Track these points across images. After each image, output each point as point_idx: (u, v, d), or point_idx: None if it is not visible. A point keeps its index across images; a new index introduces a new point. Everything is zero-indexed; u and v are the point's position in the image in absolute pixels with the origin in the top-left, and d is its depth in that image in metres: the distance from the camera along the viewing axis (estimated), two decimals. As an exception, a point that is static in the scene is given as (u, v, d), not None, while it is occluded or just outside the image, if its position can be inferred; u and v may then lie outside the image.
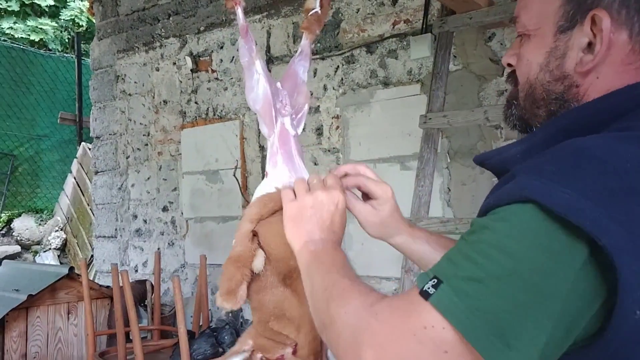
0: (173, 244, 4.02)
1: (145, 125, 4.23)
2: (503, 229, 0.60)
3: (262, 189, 0.99)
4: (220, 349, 2.51)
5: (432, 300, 0.59)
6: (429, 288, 0.60)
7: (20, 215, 7.15)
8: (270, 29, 3.49)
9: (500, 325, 0.56)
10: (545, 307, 0.56)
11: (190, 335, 2.68)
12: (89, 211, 6.08)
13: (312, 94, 3.20)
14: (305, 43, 1.08)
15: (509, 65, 0.84)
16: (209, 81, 3.81)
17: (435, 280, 0.60)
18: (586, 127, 0.67)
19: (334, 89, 3.17)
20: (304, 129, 1.05)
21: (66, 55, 8.21)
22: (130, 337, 2.65)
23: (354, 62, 3.09)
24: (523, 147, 0.72)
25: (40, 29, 9.20)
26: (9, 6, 8.92)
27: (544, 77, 0.76)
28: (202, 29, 3.84)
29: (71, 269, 3.28)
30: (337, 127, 3.15)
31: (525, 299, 0.56)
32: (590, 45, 0.71)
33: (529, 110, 0.80)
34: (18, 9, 9.06)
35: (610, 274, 0.55)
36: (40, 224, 7.06)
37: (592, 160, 0.60)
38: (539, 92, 0.77)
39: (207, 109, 3.82)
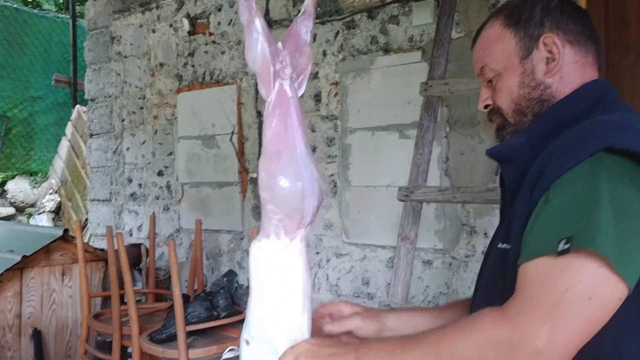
0: (168, 208, 4.01)
1: (141, 88, 4.18)
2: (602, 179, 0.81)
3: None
4: (215, 313, 2.52)
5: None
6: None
7: (14, 178, 7.12)
8: (269, -9, 3.41)
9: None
10: None
11: (185, 298, 2.69)
12: (84, 175, 6.06)
13: (311, 60, 3.15)
14: (309, 2, 1.05)
15: (486, 107, 1.08)
16: (206, 44, 3.75)
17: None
18: (570, 115, 0.96)
19: (333, 54, 3.12)
20: (302, 95, 1.02)
21: (60, 15, 8.06)
22: (125, 300, 2.66)
23: (354, 28, 3.04)
24: (524, 138, 0.99)
25: (34, -13, 9.01)
26: (1, -36, 8.71)
27: (524, 91, 1.02)
28: (199, -10, 3.76)
29: (66, 230, 3.27)
30: (336, 94, 3.11)
31: None
32: (547, 59, 1.01)
33: (518, 122, 1.03)
34: (11, -34, 8.85)
35: None
36: (34, 187, 7.04)
37: (631, 126, 0.90)
38: (524, 104, 1.02)
39: (204, 72, 3.77)
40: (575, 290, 0.75)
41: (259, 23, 0.94)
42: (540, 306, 0.77)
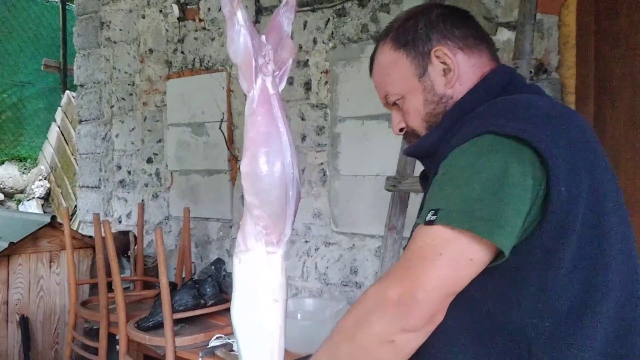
0: (157, 196, 3.99)
1: (130, 74, 4.14)
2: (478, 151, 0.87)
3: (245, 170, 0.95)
4: (202, 301, 2.52)
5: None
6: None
7: (3, 163, 7.06)
8: (260, -22, 3.37)
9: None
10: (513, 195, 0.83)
11: (173, 286, 2.69)
12: (73, 161, 6.02)
13: (300, 48, 3.13)
14: None
15: (401, 130, 1.11)
16: (196, 30, 3.71)
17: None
18: (479, 104, 0.97)
19: (323, 42, 3.10)
20: (292, 83, 1.01)
21: (50, -1, 7.95)
22: (113, 287, 2.65)
23: (345, 16, 3.02)
24: (437, 134, 1.02)
25: (23, -29, 8.86)
26: (-10, -54, 8.57)
27: (430, 108, 1.05)
28: (190, -25, 3.71)
29: (53, 217, 3.25)
30: (326, 82, 3.09)
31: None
32: (444, 70, 1.03)
33: None
34: (0, -51, 8.70)
35: (543, 167, 0.83)
36: (23, 173, 6.98)
37: (520, 103, 0.93)
38: (433, 120, 1.05)
39: (194, 59, 3.74)
40: (428, 247, 0.83)
41: (241, 15, 0.92)
42: (399, 263, 0.86)
